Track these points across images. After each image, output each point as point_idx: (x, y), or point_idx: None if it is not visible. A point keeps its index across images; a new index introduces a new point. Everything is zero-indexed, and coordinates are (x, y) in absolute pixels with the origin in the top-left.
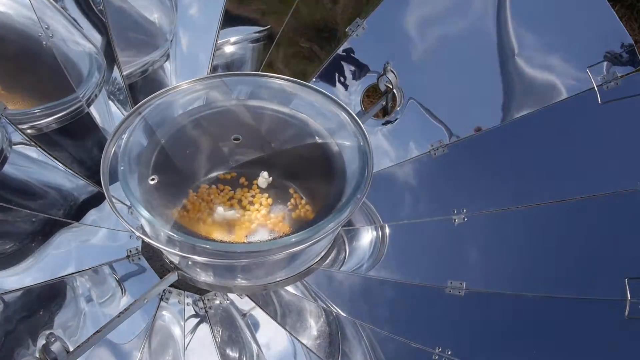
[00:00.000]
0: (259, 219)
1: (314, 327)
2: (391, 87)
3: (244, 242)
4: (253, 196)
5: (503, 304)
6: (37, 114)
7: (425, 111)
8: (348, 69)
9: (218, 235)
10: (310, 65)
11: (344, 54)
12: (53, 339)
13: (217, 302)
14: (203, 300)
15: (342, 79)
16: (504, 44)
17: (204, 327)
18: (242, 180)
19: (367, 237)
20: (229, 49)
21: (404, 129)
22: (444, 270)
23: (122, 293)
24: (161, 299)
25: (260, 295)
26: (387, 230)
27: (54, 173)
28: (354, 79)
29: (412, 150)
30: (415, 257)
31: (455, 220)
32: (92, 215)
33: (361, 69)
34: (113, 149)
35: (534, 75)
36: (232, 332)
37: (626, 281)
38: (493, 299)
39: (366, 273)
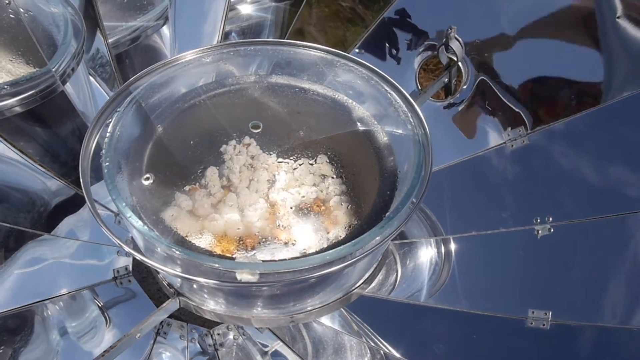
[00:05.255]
0: (284, 231)
1: None
2: (456, 59)
3: (265, 260)
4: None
5: (599, 339)
6: None
7: (499, 90)
8: (400, 36)
9: (229, 250)
10: (352, 31)
11: (395, 16)
12: None
13: (231, 337)
14: (212, 335)
15: (392, 49)
16: (604, 2)
17: None
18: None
19: (425, 253)
20: (245, 10)
21: (472, 114)
22: (524, 296)
23: (107, 325)
24: (158, 333)
25: (287, 328)
26: (452, 245)
27: (19, 170)
28: (407, 49)
29: (483, 141)
30: (488, 279)
31: (538, 231)
32: (67, 224)
33: (417, 36)
34: (95, 140)
35: None
36: None
37: None
38: (587, 333)
39: (424, 300)
